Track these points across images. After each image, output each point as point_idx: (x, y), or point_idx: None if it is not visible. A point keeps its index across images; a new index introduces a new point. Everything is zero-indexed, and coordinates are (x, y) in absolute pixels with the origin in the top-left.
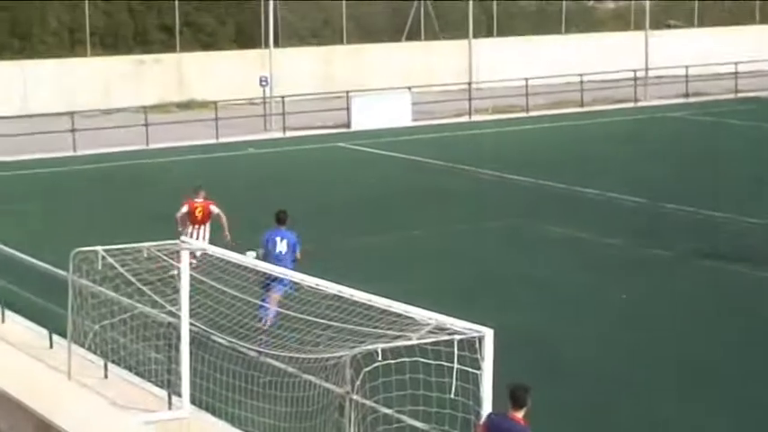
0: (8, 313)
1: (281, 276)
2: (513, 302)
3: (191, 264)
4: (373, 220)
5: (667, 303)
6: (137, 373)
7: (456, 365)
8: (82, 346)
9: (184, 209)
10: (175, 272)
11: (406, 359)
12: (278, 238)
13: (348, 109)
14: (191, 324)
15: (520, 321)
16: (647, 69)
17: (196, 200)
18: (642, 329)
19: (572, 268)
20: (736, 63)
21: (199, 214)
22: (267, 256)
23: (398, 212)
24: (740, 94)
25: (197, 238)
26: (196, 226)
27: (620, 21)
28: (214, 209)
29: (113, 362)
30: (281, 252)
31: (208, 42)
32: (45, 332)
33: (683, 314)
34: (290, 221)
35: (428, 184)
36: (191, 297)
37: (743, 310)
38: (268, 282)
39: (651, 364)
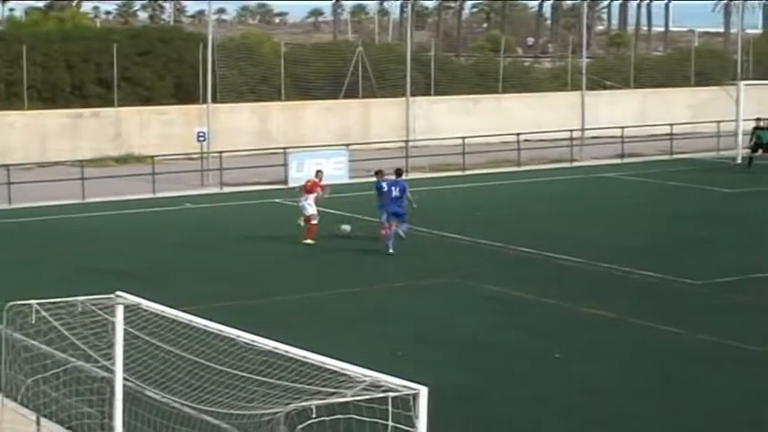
0: None
1: (404, 217)
2: (448, 361)
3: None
4: (310, 276)
5: (602, 363)
6: (69, 428)
7: (390, 423)
8: (14, 399)
9: (303, 182)
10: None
11: (341, 416)
12: (393, 187)
13: (285, 165)
14: (124, 379)
15: (455, 380)
16: (583, 129)
17: (313, 179)
18: (576, 389)
19: (508, 327)
20: (671, 125)
21: (307, 184)
22: (387, 198)
23: (334, 270)
24: (675, 156)
25: (306, 201)
26: (305, 194)
27: (557, 81)
28: (319, 191)
29: (45, 416)
30: (396, 196)
31: (146, 97)
32: None
33: (617, 374)
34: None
35: (364, 242)
36: (125, 352)
37: (675, 371)
38: (396, 215)
39: (585, 423)
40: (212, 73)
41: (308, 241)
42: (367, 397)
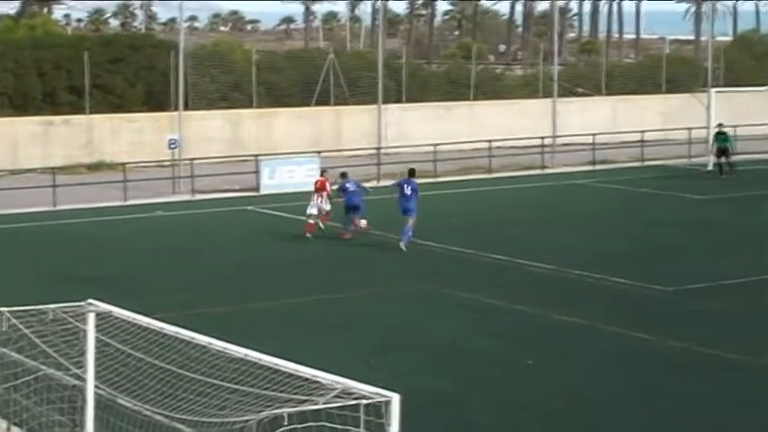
0: None
1: (412, 214)
2: (423, 367)
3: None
4: (284, 284)
5: (577, 369)
6: None
7: (362, 431)
8: None
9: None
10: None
11: (313, 424)
12: (405, 185)
13: (257, 172)
14: (96, 387)
15: (431, 386)
16: (554, 137)
17: (319, 177)
18: (555, 395)
19: (482, 334)
20: (642, 131)
21: (317, 185)
22: (400, 196)
23: (308, 277)
24: (646, 162)
25: (318, 200)
26: (316, 193)
27: (528, 88)
28: (328, 186)
29: (16, 424)
30: (407, 194)
31: (117, 104)
32: None
33: (593, 380)
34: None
35: (337, 248)
36: (96, 360)
37: (649, 378)
38: (405, 211)
39: (565, 429)
40: (184, 80)
41: (322, 225)
42: (339, 404)
